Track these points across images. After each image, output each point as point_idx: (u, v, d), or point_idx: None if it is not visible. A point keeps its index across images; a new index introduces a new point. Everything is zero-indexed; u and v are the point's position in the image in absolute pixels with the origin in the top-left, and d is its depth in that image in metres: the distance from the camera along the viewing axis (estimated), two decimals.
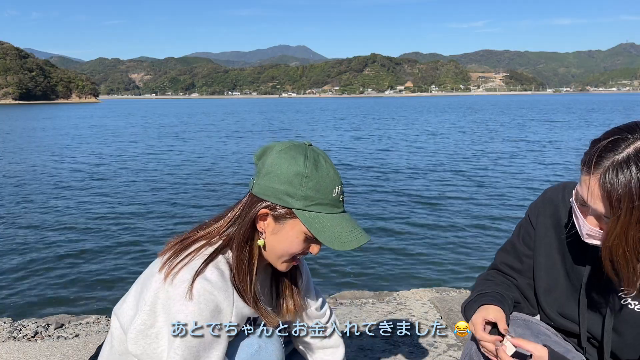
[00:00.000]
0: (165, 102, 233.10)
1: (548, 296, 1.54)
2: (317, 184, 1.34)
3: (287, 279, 1.61)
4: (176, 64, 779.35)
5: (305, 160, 1.35)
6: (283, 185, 1.34)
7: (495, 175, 15.33)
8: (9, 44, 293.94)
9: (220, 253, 1.39)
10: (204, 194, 12.96)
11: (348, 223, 1.39)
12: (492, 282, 1.62)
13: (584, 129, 34.96)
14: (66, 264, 7.60)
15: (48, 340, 2.96)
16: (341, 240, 1.35)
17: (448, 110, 79.22)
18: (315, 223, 1.35)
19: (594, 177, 1.20)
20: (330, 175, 1.37)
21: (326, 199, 1.36)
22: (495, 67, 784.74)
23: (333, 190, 1.37)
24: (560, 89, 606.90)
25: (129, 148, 25.45)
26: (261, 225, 1.40)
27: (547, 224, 1.55)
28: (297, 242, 1.39)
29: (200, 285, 1.29)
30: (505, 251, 1.67)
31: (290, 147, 1.38)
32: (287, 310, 1.59)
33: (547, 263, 1.54)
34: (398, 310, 3.25)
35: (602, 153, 1.19)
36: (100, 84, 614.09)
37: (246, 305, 1.39)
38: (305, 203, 1.34)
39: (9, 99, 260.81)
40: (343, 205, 1.42)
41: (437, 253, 7.98)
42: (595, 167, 1.19)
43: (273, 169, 1.35)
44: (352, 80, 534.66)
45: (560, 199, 1.53)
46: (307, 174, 1.34)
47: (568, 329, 1.51)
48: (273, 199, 1.35)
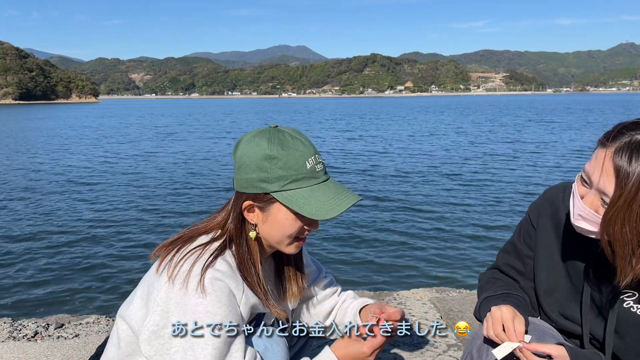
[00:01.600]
0: (165, 102, 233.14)
1: (549, 297, 1.53)
2: (286, 162, 1.34)
3: (291, 265, 1.61)
4: (176, 64, 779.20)
5: (269, 142, 1.36)
6: (255, 173, 1.35)
7: (496, 176, 15.34)
8: (9, 44, 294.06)
9: (227, 247, 1.41)
10: (203, 195, 12.96)
11: (330, 190, 1.39)
12: (505, 283, 1.60)
13: (583, 130, 34.94)
14: (66, 264, 7.60)
15: (48, 340, 2.96)
16: (325, 209, 1.34)
17: (447, 110, 79.20)
18: (295, 200, 1.35)
19: (609, 150, 1.21)
20: (299, 150, 1.36)
21: (300, 174, 1.36)
22: (495, 67, 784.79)
23: (306, 163, 1.36)
24: (560, 89, 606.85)
25: (129, 148, 25.44)
26: (251, 218, 1.41)
27: (547, 225, 1.55)
28: (289, 224, 1.39)
29: (211, 275, 1.31)
30: (507, 252, 1.66)
31: (255, 134, 1.40)
32: (292, 293, 1.60)
33: (547, 264, 1.54)
34: None
35: (623, 130, 1.21)
36: (100, 84, 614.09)
37: (254, 295, 1.40)
38: (281, 184, 1.35)
39: (9, 99, 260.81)
40: (323, 174, 1.41)
41: (437, 253, 7.98)
42: (613, 141, 1.21)
43: (243, 161, 1.38)
44: (352, 80, 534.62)
45: (560, 199, 1.53)
46: (273, 156, 1.34)
47: (569, 330, 1.50)
48: (251, 189, 1.37)
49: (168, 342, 1.30)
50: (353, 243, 8.48)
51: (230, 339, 1.31)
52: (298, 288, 1.62)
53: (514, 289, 1.57)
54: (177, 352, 1.29)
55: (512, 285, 1.60)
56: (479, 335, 1.48)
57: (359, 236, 8.87)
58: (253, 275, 1.40)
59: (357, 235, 8.94)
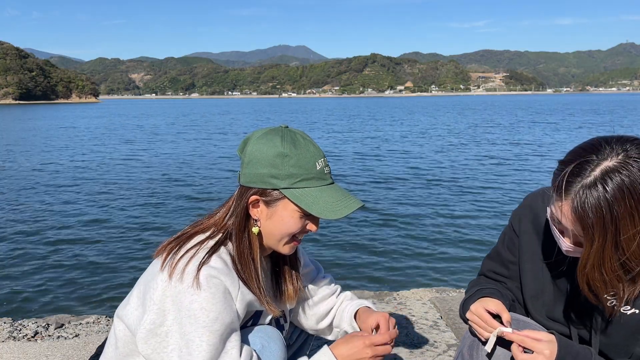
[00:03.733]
0: (165, 102, 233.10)
1: (536, 301, 1.55)
2: (298, 161, 1.37)
3: (287, 265, 1.62)
4: (176, 64, 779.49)
5: (282, 140, 1.38)
6: (266, 169, 1.37)
7: (497, 177, 15.33)
8: (9, 44, 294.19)
9: (222, 245, 1.41)
10: (204, 192, 12.96)
11: (337, 193, 1.42)
12: (487, 283, 1.65)
13: (582, 131, 34.96)
14: (66, 264, 7.60)
15: (48, 340, 2.96)
16: (333, 210, 1.37)
17: (447, 109, 79.21)
18: (304, 198, 1.37)
19: (565, 202, 1.21)
20: (310, 150, 1.40)
21: (310, 174, 1.38)
22: (495, 67, 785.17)
23: (316, 164, 1.39)
24: (560, 89, 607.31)
25: (129, 148, 25.45)
26: (255, 213, 1.42)
27: (529, 231, 1.57)
28: (293, 222, 1.41)
29: (206, 272, 1.31)
30: (491, 258, 1.70)
31: (267, 132, 1.42)
32: (288, 296, 1.61)
33: (532, 269, 1.55)
34: (398, 310, 3.24)
35: (569, 178, 1.20)
36: (100, 84, 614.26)
37: (250, 292, 1.40)
38: (291, 181, 1.37)
39: (9, 99, 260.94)
40: (330, 177, 1.45)
41: (437, 253, 7.98)
42: (566, 193, 1.20)
43: (254, 156, 1.39)
44: (352, 80, 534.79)
45: (540, 204, 1.55)
46: (286, 153, 1.36)
47: (558, 331, 1.51)
48: (260, 184, 1.38)
49: (165, 340, 1.30)
50: (353, 243, 8.47)
51: (226, 336, 1.31)
52: (294, 289, 1.62)
53: (490, 284, 1.61)
54: (173, 350, 1.29)
55: (493, 284, 1.63)
56: (469, 335, 1.54)
57: (359, 236, 8.87)
58: (251, 271, 1.41)
59: (357, 235, 8.94)
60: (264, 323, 1.52)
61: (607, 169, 1.16)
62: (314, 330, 1.81)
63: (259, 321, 1.51)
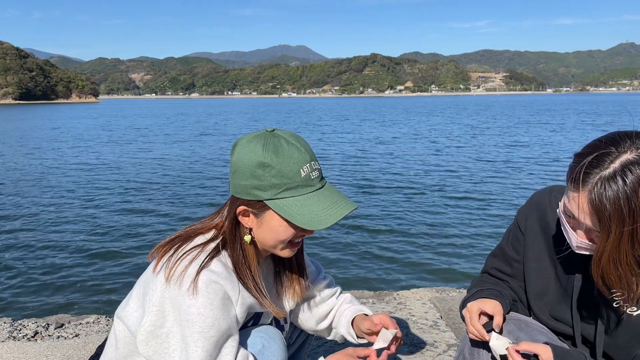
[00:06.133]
0: (165, 102, 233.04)
1: (540, 300, 1.54)
2: (279, 171, 1.32)
3: (292, 264, 1.61)
4: (176, 64, 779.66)
5: (263, 149, 1.33)
6: (248, 180, 1.34)
7: (499, 177, 15.33)
8: (9, 44, 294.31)
9: (224, 248, 1.40)
10: (202, 195, 12.96)
11: (325, 199, 1.37)
12: (489, 282, 1.63)
13: (582, 131, 34.95)
14: (66, 264, 7.60)
15: (48, 340, 2.95)
16: (318, 219, 1.32)
17: (446, 110, 79.22)
18: (288, 209, 1.33)
19: (582, 194, 1.19)
20: (294, 157, 1.33)
21: (294, 182, 1.33)
22: (495, 67, 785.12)
23: (300, 171, 1.33)
24: (560, 88, 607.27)
25: (128, 148, 25.45)
26: (246, 222, 1.40)
27: (535, 229, 1.56)
28: (282, 230, 1.38)
29: (206, 276, 1.30)
30: (495, 256, 1.69)
31: (251, 139, 1.38)
32: (295, 293, 1.61)
33: (537, 268, 1.54)
34: (398, 310, 3.24)
35: (587, 169, 1.18)
36: (100, 84, 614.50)
37: (251, 295, 1.40)
38: (274, 192, 1.33)
39: (9, 99, 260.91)
40: (318, 181, 1.39)
41: (437, 253, 7.97)
42: (583, 184, 1.19)
43: (237, 166, 1.36)
44: (352, 80, 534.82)
45: (547, 203, 1.54)
46: (267, 163, 1.31)
47: (561, 331, 1.51)
48: (245, 195, 1.36)
49: (166, 341, 1.31)
50: (353, 243, 8.47)
51: (222, 342, 1.31)
52: (300, 287, 1.61)
53: (491, 285, 1.60)
54: (175, 351, 1.30)
55: (495, 284, 1.61)
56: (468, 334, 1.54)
57: (359, 236, 8.87)
58: (248, 278, 1.40)
59: (357, 235, 8.94)
60: (265, 323, 1.51)
61: (627, 162, 1.15)
62: (314, 330, 1.80)
63: (259, 321, 1.50)
